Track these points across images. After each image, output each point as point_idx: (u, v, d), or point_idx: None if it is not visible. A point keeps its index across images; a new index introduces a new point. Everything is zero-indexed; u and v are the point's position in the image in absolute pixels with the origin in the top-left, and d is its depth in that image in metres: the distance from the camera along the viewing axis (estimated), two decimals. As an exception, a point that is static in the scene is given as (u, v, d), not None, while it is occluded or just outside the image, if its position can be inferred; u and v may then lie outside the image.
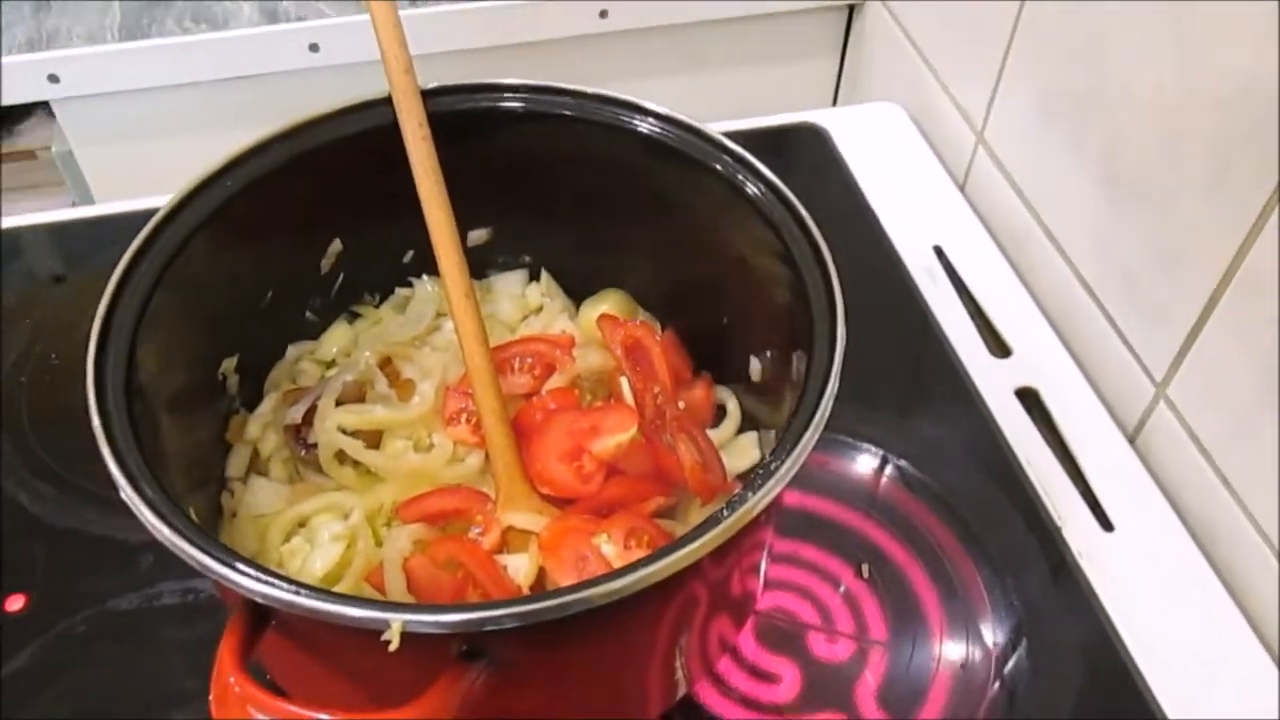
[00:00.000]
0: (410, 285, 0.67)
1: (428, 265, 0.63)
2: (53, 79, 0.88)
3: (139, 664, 0.58)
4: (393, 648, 0.38)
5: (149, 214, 0.52)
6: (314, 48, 0.90)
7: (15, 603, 0.60)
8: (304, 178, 0.57)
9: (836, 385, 0.45)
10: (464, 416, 0.60)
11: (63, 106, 0.91)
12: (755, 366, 0.59)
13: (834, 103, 1.10)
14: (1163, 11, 0.62)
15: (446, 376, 0.61)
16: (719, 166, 0.56)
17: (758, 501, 0.41)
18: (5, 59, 0.86)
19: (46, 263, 0.80)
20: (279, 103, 0.88)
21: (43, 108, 0.93)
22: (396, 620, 0.38)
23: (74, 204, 1.00)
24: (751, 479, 0.42)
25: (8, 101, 0.88)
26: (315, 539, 0.56)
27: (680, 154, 0.57)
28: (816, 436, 0.44)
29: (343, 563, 0.55)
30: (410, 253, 0.66)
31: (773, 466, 0.42)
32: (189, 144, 0.95)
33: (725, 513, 0.41)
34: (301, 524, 0.57)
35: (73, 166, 0.97)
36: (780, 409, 0.53)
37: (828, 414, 0.44)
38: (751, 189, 0.54)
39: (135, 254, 0.50)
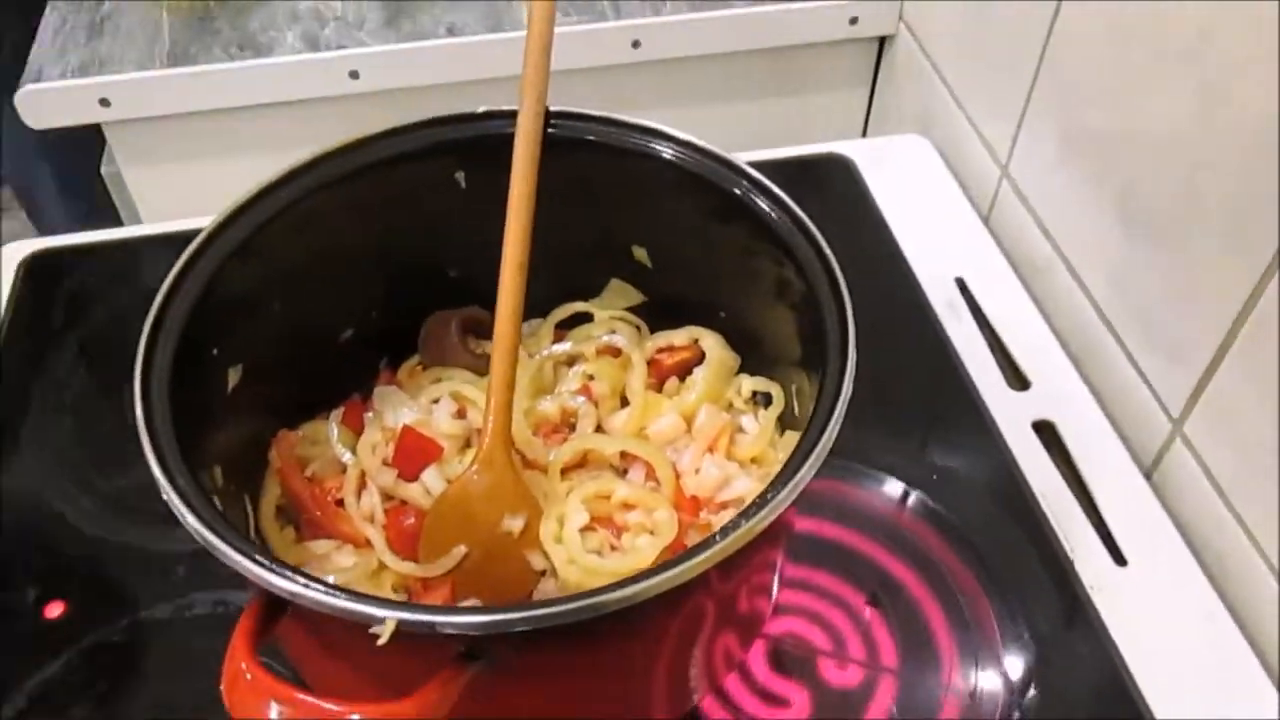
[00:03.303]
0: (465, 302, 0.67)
1: (479, 284, 0.61)
2: (104, 103, 0.91)
3: (171, 672, 0.61)
4: (381, 642, 0.40)
5: (194, 233, 0.54)
6: (354, 74, 0.93)
7: (54, 609, 0.63)
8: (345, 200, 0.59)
9: (841, 418, 0.47)
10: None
11: (113, 129, 0.95)
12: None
13: (863, 134, 1.11)
14: (1183, 52, 0.63)
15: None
16: (737, 191, 0.57)
17: (752, 527, 0.43)
18: (60, 83, 0.90)
19: (93, 280, 0.83)
20: (319, 127, 0.91)
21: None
22: (392, 618, 0.40)
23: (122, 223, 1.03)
24: (748, 507, 0.44)
25: (62, 124, 0.92)
26: None
27: (700, 179, 0.58)
28: (815, 469, 0.45)
29: None
30: (453, 271, 0.66)
31: (768, 496, 0.44)
32: (233, 166, 0.99)
33: (718, 537, 0.42)
34: None
35: (121, 187, 1.00)
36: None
37: (829, 448, 0.45)
38: (770, 215, 0.56)
39: (180, 271, 0.52)
